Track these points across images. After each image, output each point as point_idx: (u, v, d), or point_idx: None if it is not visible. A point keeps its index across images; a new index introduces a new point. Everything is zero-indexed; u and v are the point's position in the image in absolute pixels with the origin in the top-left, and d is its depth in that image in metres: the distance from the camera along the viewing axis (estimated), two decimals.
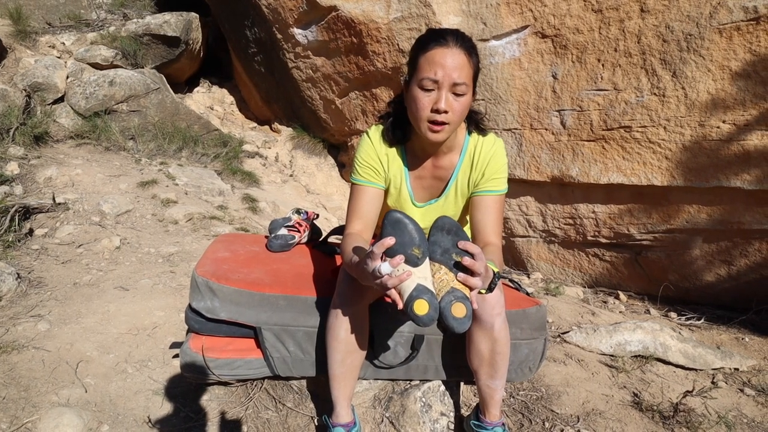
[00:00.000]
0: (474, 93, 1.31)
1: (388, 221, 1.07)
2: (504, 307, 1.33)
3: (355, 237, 1.35)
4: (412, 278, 1.03)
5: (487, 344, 1.33)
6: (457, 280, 1.04)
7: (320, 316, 1.52)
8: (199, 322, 1.53)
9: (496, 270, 1.16)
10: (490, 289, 1.15)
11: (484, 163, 1.39)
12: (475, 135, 1.42)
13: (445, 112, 1.23)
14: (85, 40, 5.32)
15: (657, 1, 2.82)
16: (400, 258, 1.02)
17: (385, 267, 1.01)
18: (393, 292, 1.04)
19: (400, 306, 1.03)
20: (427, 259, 1.06)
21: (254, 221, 3.79)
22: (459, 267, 1.06)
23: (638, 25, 2.91)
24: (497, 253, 1.30)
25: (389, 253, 1.03)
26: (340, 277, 1.38)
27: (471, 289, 1.05)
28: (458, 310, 1.01)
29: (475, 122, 1.42)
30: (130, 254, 2.89)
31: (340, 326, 1.34)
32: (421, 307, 0.99)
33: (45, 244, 2.86)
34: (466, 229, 1.66)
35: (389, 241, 1.03)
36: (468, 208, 1.48)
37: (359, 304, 1.34)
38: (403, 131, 1.41)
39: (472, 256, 1.05)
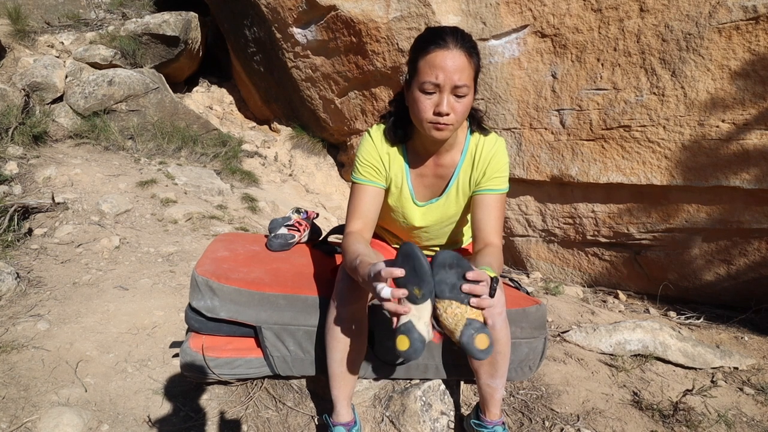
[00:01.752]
0: (475, 91, 1.31)
1: (401, 252, 1.08)
2: (505, 307, 1.33)
3: (355, 236, 1.35)
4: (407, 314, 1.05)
5: None
6: (471, 305, 1.05)
7: (320, 316, 1.52)
8: (199, 321, 1.53)
9: (492, 275, 1.16)
10: (491, 296, 1.15)
11: (485, 162, 1.39)
12: (476, 134, 1.42)
13: (447, 114, 1.23)
14: (84, 39, 5.32)
15: (656, 0, 2.83)
16: (403, 292, 1.03)
17: (386, 291, 1.03)
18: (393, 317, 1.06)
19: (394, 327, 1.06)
20: (429, 301, 1.05)
21: (253, 221, 3.79)
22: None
23: (637, 24, 2.91)
24: (497, 254, 1.30)
25: (396, 283, 1.06)
26: (338, 277, 1.38)
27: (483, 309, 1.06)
28: (481, 342, 1.02)
29: (477, 121, 1.42)
30: (130, 254, 2.89)
31: (339, 326, 1.34)
32: (402, 343, 1.02)
33: (44, 243, 2.85)
34: (467, 229, 1.67)
35: (398, 272, 1.04)
36: (469, 207, 1.48)
37: (358, 303, 1.34)
38: (405, 130, 1.41)
39: (478, 282, 1.06)
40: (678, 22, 2.78)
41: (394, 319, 1.06)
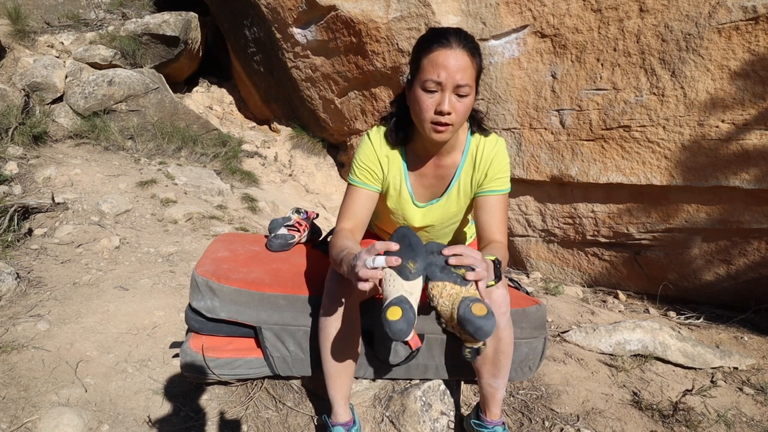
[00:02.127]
0: (477, 92, 1.32)
1: (396, 234, 1.11)
2: (509, 306, 1.33)
3: (345, 233, 1.35)
4: (397, 288, 1.03)
5: (491, 343, 1.33)
6: (467, 277, 1.05)
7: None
8: (199, 321, 1.53)
9: (492, 258, 1.17)
10: (497, 278, 1.16)
11: (486, 163, 1.39)
12: (477, 135, 1.42)
13: (449, 113, 1.23)
14: (84, 39, 5.32)
15: (656, 0, 2.83)
16: (396, 259, 1.03)
17: (379, 260, 1.02)
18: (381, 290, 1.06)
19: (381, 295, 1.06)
20: (420, 278, 1.06)
21: (253, 221, 3.79)
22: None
23: (637, 24, 2.91)
24: (502, 250, 1.31)
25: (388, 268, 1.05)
26: (328, 276, 1.38)
27: (477, 283, 1.06)
28: (479, 309, 0.99)
29: (477, 122, 1.42)
30: (130, 254, 2.89)
31: (330, 325, 1.34)
32: (393, 313, 0.97)
33: (44, 243, 2.85)
34: (469, 229, 1.67)
35: (394, 246, 1.05)
36: (470, 207, 1.48)
37: (349, 301, 1.34)
38: (405, 132, 1.41)
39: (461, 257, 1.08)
40: (678, 22, 2.78)
41: (380, 289, 1.05)
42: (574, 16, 3.11)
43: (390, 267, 1.04)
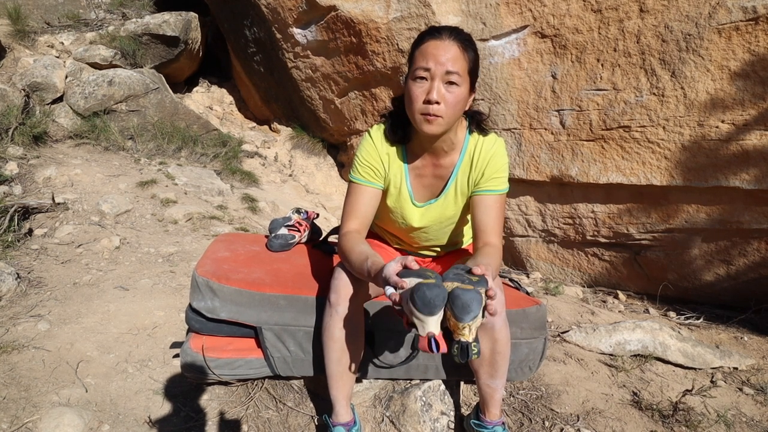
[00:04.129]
0: (473, 90, 1.32)
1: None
2: (504, 308, 1.33)
3: (354, 236, 1.35)
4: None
5: (487, 344, 1.34)
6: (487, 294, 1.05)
7: (320, 316, 1.53)
8: (199, 321, 1.54)
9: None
10: None
11: (484, 162, 1.39)
12: (475, 134, 1.42)
13: (437, 103, 1.24)
14: (84, 39, 5.31)
15: (656, 1, 2.83)
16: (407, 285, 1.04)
17: (389, 290, 1.05)
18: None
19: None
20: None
21: (254, 221, 3.79)
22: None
23: (637, 25, 2.91)
24: (496, 255, 1.30)
25: (402, 275, 1.07)
26: (334, 276, 1.38)
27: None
28: (465, 287, 1.02)
29: (477, 122, 1.42)
30: (130, 254, 2.89)
31: (335, 325, 1.34)
32: (428, 281, 1.00)
33: (44, 244, 2.85)
34: (468, 229, 1.67)
35: (414, 264, 1.08)
36: (469, 207, 1.49)
37: (354, 302, 1.34)
38: (405, 131, 1.41)
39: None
40: (678, 22, 2.79)
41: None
42: (574, 16, 3.11)
43: (410, 272, 1.07)
